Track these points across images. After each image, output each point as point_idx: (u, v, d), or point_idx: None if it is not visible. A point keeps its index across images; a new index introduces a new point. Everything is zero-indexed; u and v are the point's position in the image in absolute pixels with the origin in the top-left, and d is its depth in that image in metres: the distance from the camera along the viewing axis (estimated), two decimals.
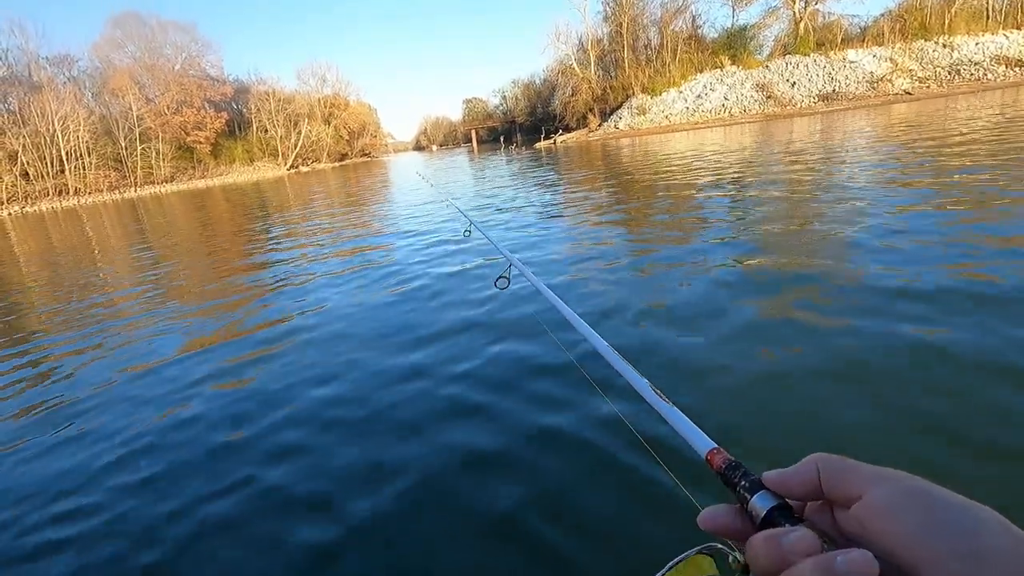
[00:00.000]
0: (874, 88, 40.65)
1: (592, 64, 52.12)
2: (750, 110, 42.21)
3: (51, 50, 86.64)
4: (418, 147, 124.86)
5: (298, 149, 64.62)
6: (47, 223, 23.71)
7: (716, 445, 0.42)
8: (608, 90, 49.39)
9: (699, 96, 44.86)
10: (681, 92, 45.51)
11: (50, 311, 6.29)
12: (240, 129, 63.64)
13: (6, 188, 41.53)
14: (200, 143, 55.88)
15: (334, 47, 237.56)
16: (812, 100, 41.54)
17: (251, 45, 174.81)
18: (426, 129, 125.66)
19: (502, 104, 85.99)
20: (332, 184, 27.48)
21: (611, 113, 48.07)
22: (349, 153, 75.31)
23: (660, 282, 4.42)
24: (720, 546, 0.43)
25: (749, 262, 4.60)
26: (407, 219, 10.36)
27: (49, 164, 44.50)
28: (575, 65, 53.27)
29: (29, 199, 42.46)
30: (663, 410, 0.51)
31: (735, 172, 10.99)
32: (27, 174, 43.47)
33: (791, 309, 3.46)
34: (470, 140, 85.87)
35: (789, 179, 8.94)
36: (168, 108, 54.05)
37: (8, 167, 41.96)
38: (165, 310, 5.68)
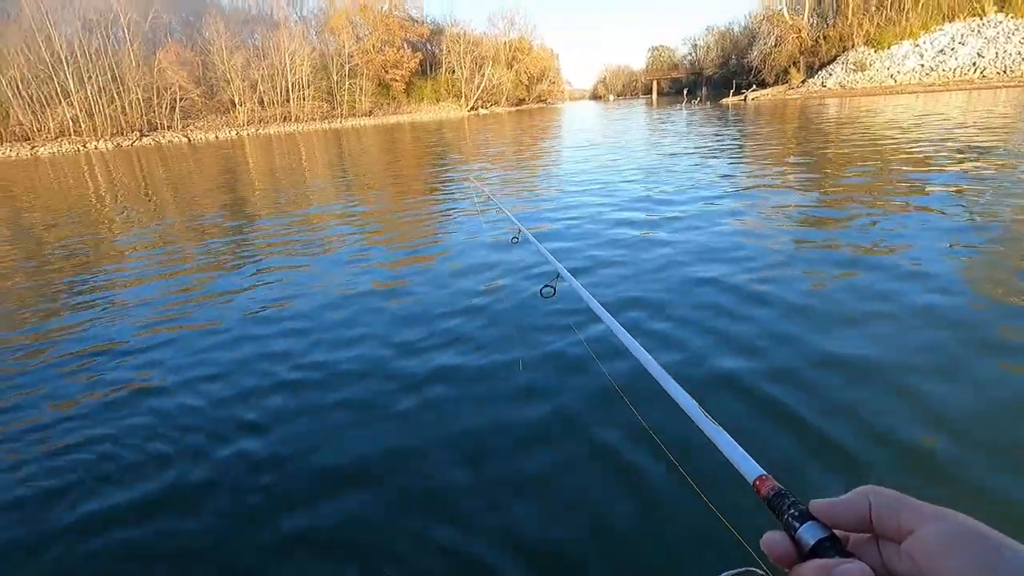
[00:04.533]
0: None
1: (807, 10, 45.50)
2: (1012, 71, 33.78)
3: None
4: (595, 96, 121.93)
5: (480, 92, 67.05)
6: (273, 144, 27.96)
7: (764, 472, 0.42)
8: (820, 41, 42.98)
9: (941, 51, 36.99)
10: (918, 46, 37.93)
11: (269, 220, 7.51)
12: (431, 69, 67.65)
13: (247, 112, 49.58)
14: (396, 81, 60.71)
15: None
16: None
17: None
18: (605, 78, 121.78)
19: (691, 54, 79.63)
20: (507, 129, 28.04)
21: (819, 69, 42.02)
22: (526, 98, 76.31)
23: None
24: (758, 571, 0.43)
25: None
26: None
27: (278, 93, 51.94)
28: (785, 11, 46.96)
29: (262, 123, 50.23)
30: (711, 433, 0.51)
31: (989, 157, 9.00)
32: (262, 101, 51.28)
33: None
34: (650, 91, 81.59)
35: None
36: (373, 47, 59.23)
37: (250, 95, 49.87)
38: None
